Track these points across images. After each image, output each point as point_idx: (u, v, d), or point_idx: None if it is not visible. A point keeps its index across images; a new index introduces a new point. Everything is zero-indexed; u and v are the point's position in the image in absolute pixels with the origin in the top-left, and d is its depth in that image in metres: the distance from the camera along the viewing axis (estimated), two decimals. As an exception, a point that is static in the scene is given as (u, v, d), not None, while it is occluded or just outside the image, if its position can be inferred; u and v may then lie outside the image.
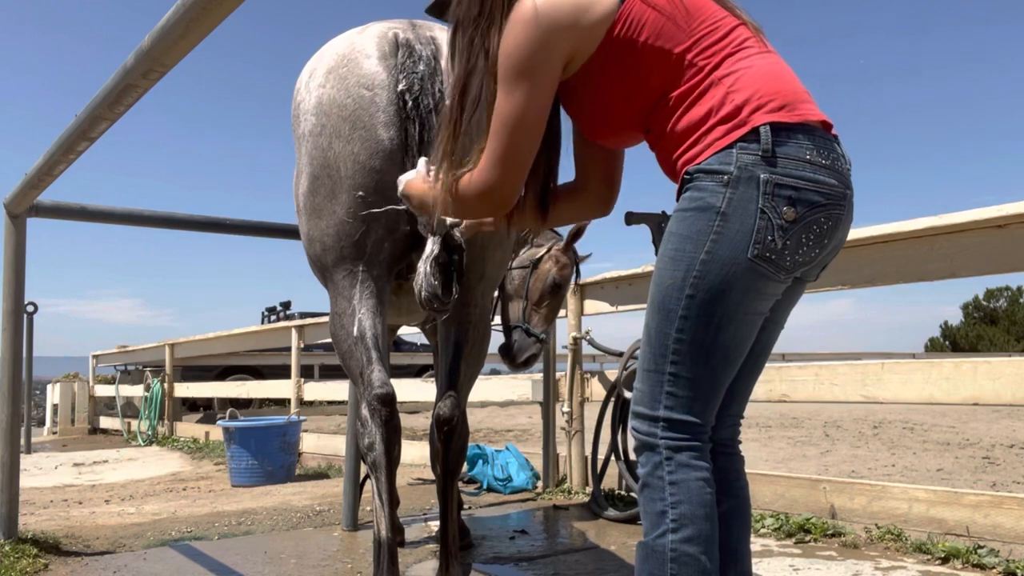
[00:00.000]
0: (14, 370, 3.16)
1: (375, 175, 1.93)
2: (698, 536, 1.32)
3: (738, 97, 1.31)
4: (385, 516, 1.90)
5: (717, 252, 1.29)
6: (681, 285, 1.32)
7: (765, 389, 3.30)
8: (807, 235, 1.30)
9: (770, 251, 1.29)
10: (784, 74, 1.37)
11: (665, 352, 1.34)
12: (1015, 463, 5.58)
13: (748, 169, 1.28)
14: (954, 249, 2.79)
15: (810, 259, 1.34)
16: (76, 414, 10.93)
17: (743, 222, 1.28)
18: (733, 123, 1.30)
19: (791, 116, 1.31)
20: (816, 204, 1.30)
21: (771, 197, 1.28)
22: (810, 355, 12.71)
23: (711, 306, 1.31)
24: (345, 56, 2.02)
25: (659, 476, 1.35)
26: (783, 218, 1.28)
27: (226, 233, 3.63)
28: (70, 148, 2.53)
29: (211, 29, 1.66)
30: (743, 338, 1.37)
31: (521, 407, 11.51)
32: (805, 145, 1.30)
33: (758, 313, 1.37)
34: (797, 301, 1.54)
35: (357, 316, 1.97)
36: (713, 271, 1.30)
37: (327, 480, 5.25)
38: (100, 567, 2.82)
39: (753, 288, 1.32)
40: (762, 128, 1.29)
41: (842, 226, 1.37)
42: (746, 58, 1.35)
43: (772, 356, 1.60)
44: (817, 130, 1.34)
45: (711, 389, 1.37)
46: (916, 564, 2.58)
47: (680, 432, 1.35)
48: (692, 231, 1.32)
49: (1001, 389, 2.62)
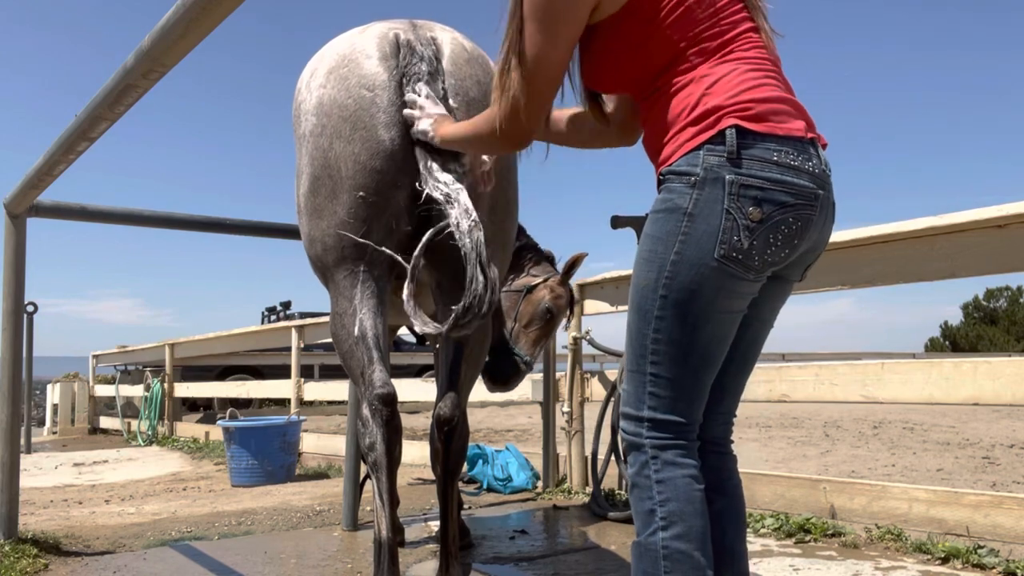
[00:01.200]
0: (14, 370, 3.16)
1: (376, 175, 1.93)
2: (688, 532, 1.33)
3: (711, 100, 1.33)
4: (385, 516, 1.90)
5: (685, 253, 1.32)
6: (655, 286, 1.34)
7: (765, 389, 3.30)
8: (774, 235, 1.31)
9: (736, 251, 1.30)
10: (768, 84, 1.36)
11: (645, 353, 1.37)
12: (1015, 463, 5.57)
13: (714, 170, 1.30)
14: (954, 249, 2.79)
15: (779, 259, 1.35)
16: (76, 414, 10.93)
17: (709, 223, 1.30)
18: (702, 125, 1.32)
19: (759, 126, 1.31)
20: (784, 204, 1.31)
21: (736, 198, 1.29)
22: (810, 355, 12.70)
23: (684, 306, 1.33)
24: (346, 56, 2.02)
25: (646, 475, 1.36)
26: (749, 218, 1.29)
27: (226, 233, 3.63)
28: (70, 148, 2.53)
29: (211, 29, 1.66)
30: (721, 337, 1.39)
31: (521, 407, 11.50)
32: (772, 147, 1.31)
33: (733, 311, 1.38)
34: (785, 300, 1.55)
35: (358, 316, 1.97)
36: (683, 272, 1.32)
37: (327, 480, 5.25)
38: (100, 567, 2.82)
39: (724, 287, 1.33)
40: (727, 131, 1.30)
41: (815, 227, 1.37)
42: (735, 61, 1.36)
43: (772, 356, 1.61)
44: (789, 135, 1.33)
45: (693, 388, 1.38)
46: (916, 564, 2.58)
47: (665, 431, 1.37)
48: (662, 232, 1.34)
49: (1001, 389, 2.62)
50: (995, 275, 2.80)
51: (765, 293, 1.45)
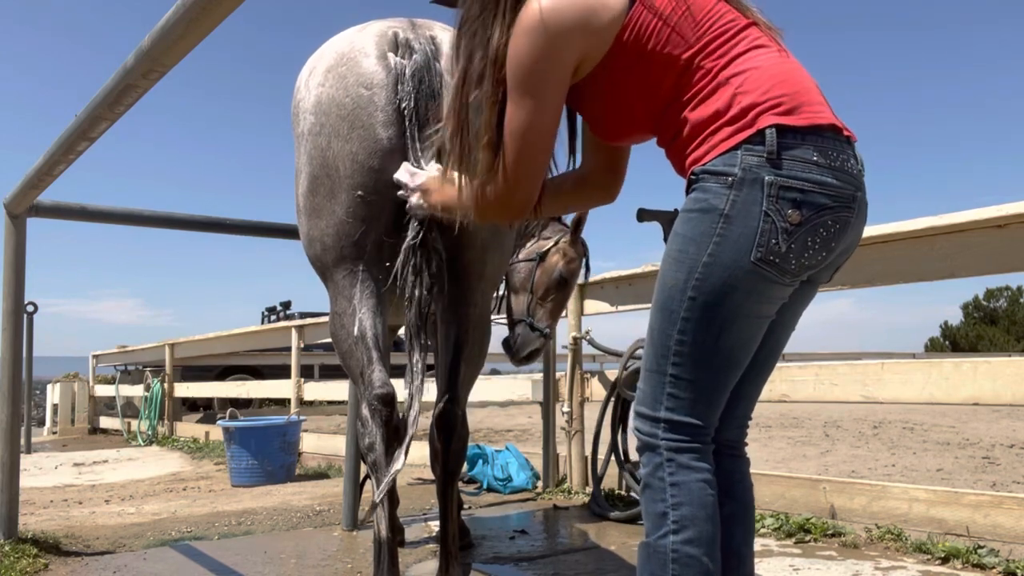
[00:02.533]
0: (14, 370, 3.16)
1: (374, 174, 1.92)
2: (699, 537, 1.31)
3: (745, 99, 1.29)
4: (385, 516, 1.90)
5: (720, 255, 1.28)
6: (683, 287, 1.31)
7: (765, 389, 3.25)
8: (813, 238, 1.28)
9: (774, 254, 1.27)
10: (795, 75, 1.34)
11: (667, 353, 1.34)
12: (1015, 463, 5.57)
13: (753, 171, 1.26)
14: (954, 249, 2.79)
15: (816, 262, 1.32)
16: (76, 414, 10.94)
17: (747, 225, 1.26)
18: (739, 124, 1.29)
19: (799, 119, 1.28)
20: (823, 207, 1.27)
21: (776, 200, 1.26)
22: (810, 355, 12.70)
23: (713, 309, 1.30)
24: (344, 55, 2.01)
25: (660, 477, 1.34)
26: (788, 221, 1.26)
27: (226, 233, 3.63)
28: (70, 148, 2.53)
29: (211, 29, 1.66)
30: (746, 341, 1.36)
31: (521, 407, 11.50)
32: (812, 147, 1.28)
33: (762, 316, 1.36)
34: (808, 303, 1.52)
35: (357, 316, 1.96)
36: (715, 274, 1.28)
37: (327, 480, 5.25)
38: (100, 567, 2.82)
39: (756, 291, 1.30)
40: (767, 130, 1.27)
41: (851, 229, 1.34)
42: (756, 58, 1.33)
43: (772, 356, 1.60)
44: (827, 132, 1.31)
45: (713, 391, 1.36)
46: (916, 564, 2.58)
47: (681, 434, 1.34)
48: (695, 233, 1.30)
49: (1001, 389, 2.62)
50: (995, 275, 2.80)
51: (793, 297, 1.42)
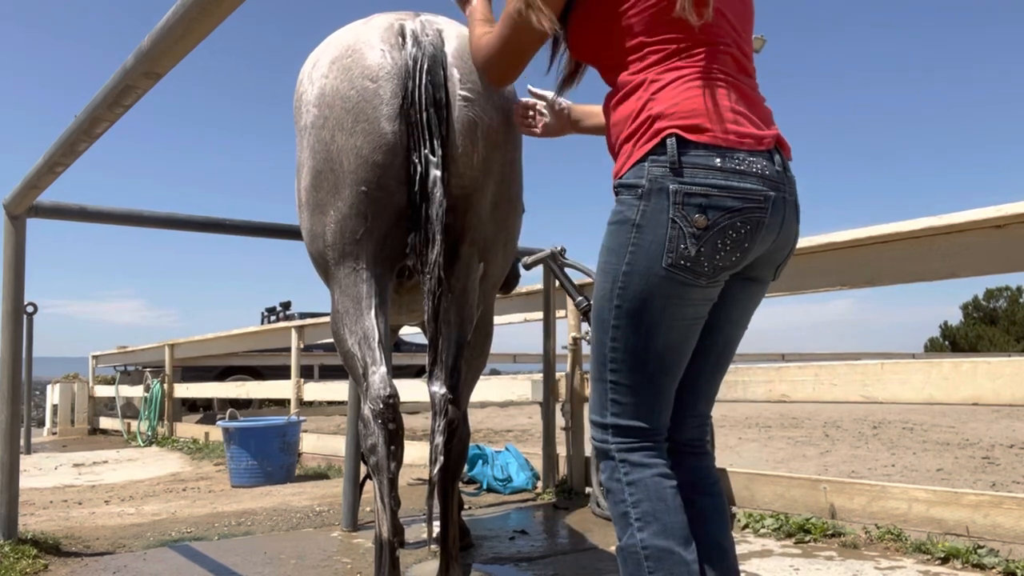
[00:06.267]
0: (14, 370, 3.16)
1: (378, 169, 1.89)
2: (665, 529, 1.33)
3: (655, 107, 1.35)
4: (386, 517, 1.89)
5: (635, 263, 1.34)
6: (610, 296, 1.37)
7: (765, 389, 3.30)
8: (723, 240, 1.32)
9: (684, 259, 1.31)
10: (718, 93, 1.35)
11: (604, 361, 1.39)
12: (1015, 463, 5.58)
13: (658, 181, 1.32)
14: (953, 249, 2.79)
15: (731, 263, 1.35)
16: (76, 414, 10.93)
17: (656, 233, 1.32)
18: (646, 135, 1.35)
19: (700, 137, 1.32)
20: (730, 209, 1.31)
21: (681, 206, 1.31)
22: (810, 355, 12.72)
23: (637, 315, 1.35)
24: (349, 46, 1.98)
25: (617, 479, 1.38)
26: (695, 226, 1.30)
27: (227, 233, 3.63)
28: (70, 148, 2.53)
29: (211, 30, 1.66)
30: (678, 344, 1.40)
31: (521, 407, 11.50)
32: (713, 153, 1.31)
33: (688, 319, 1.39)
34: (758, 300, 1.56)
35: (360, 315, 1.94)
36: (634, 282, 1.34)
37: (327, 480, 5.25)
38: (100, 567, 2.82)
39: (675, 295, 1.34)
40: (667, 140, 1.31)
41: (767, 228, 1.36)
42: (686, 68, 1.36)
43: (772, 356, 1.62)
44: (731, 147, 1.33)
45: (653, 395, 1.40)
46: (916, 564, 2.58)
47: (629, 437, 1.39)
48: (615, 244, 1.37)
49: (1001, 389, 2.62)
50: (994, 275, 2.80)
51: (734, 295, 1.46)
